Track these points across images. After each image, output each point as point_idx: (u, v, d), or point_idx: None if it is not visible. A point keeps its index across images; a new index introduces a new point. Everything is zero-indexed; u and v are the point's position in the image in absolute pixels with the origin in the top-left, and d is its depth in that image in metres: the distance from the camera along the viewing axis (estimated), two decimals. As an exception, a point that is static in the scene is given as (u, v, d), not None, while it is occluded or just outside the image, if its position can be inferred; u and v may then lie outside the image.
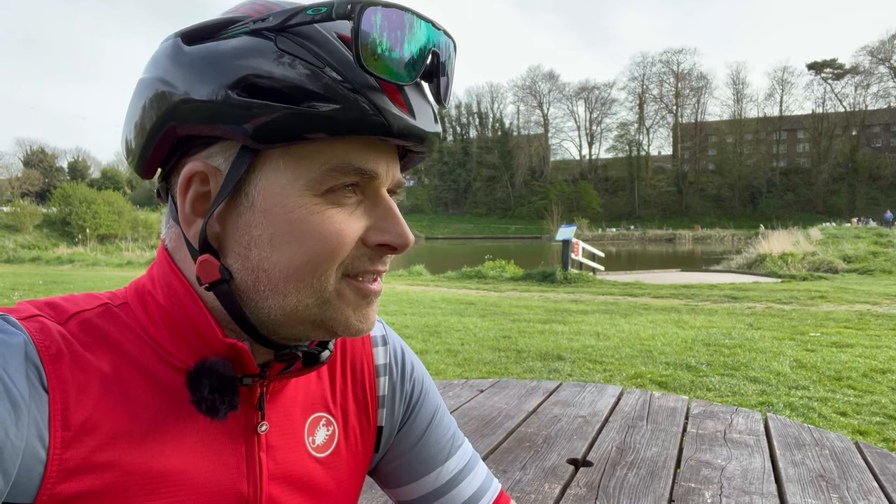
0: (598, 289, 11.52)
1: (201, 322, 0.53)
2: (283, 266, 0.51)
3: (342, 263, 0.52)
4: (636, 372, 4.83)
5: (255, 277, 0.52)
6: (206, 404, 0.51)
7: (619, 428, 1.83)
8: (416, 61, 0.50)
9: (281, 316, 0.53)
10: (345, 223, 0.51)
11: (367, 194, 0.53)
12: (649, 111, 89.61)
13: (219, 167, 0.51)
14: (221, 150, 0.51)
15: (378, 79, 0.49)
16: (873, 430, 3.52)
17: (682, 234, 62.86)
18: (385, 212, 0.54)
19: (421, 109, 0.52)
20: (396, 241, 0.54)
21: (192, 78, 0.49)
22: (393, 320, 7.51)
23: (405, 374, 0.74)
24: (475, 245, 47.21)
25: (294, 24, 0.49)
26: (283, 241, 0.50)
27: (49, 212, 36.30)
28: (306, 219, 0.50)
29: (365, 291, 0.54)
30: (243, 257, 0.52)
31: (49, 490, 0.46)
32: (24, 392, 0.46)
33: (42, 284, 12.77)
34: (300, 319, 0.53)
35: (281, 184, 0.50)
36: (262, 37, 0.49)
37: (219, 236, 0.52)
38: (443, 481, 0.72)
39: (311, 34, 0.49)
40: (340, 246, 0.51)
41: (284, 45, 0.49)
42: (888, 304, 8.83)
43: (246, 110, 0.48)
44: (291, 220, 0.50)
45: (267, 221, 0.51)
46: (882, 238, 21.49)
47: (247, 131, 0.48)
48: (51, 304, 0.53)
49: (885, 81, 78.53)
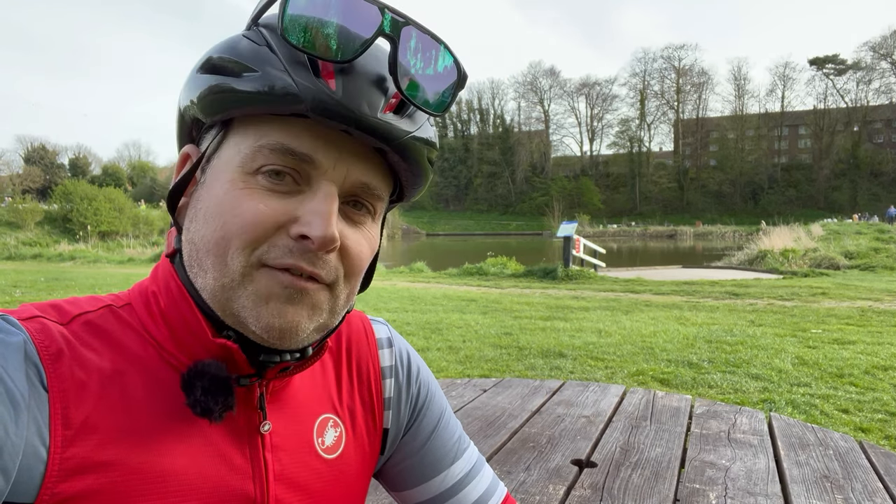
0: (599, 285, 11.51)
1: (193, 322, 0.53)
2: (206, 240, 0.51)
3: (257, 248, 0.50)
4: (638, 369, 4.83)
5: (189, 250, 0.53)
6: (200, 406, 0.51)
7: (622, 428, 1.83)
8: (353, 40, 0.48)
9: (209, 295, 0.52)
10: (265, 204, 0.49)
11: (311, 185, 0.51)
12: (650, 107, 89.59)
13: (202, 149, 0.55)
14: (210, 135, 0.54)
15: (308, 55, 0.48)
16: (875, 427, 3.52)
17: (683, 230, 62.86)
18: (315, 203, 0.50)
19: (359, 92, 0.49)
20: (313, 231, 0.49)
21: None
22: (394, 317, 7.51)
23: (411, 377, 0.73)
24: (476, 242, 47.22)
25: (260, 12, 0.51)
26: (210, 215, 0.51)
27: (50, 209, 36.32)
28: (230, 193, 0.50)
29: (283, 282, 0.50)
30: (186, 230, 0.54)
31: (50, 489, 0.46)
32: (23, 391, 0.45)
33: (44, 281, 12.78)
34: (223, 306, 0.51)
35: (223, 160, 0.52)
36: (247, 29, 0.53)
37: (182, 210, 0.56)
38: (449, 484, 0.72)
39: (270, 21, 0.51)
40: (252, 225, 0.49)
41: (248, 33, 0.52)
42: (890, 300, 8.82)
43: (197, 85, 0.52)
44: (219, 194, 0.51)
45: (206, 196, 0.52)
46: (884, 234, 21.45)
47: (195, 105, 0.52)
48: (54, 306, 0.53)
49: (886, 77, 78.40)
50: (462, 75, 0.54)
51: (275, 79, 0.48)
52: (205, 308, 0.53)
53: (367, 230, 0.56)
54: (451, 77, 0.54)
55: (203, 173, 0.54)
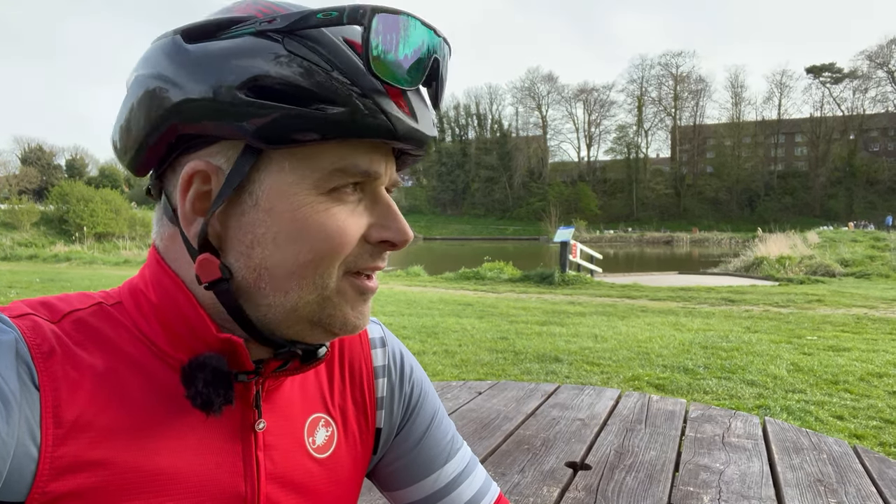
0: (595, 291, 11.52)
1: (194, 319, 0.53)
2: (289, 264, 0.51)
3: (345, 261, 0.53)
4: (633, 374, 4.83)
5: (256, 276, 0.52)
6: (201, 398, 0.51)
7: (617, 431, 1.83)
8: (418, 67, 0.51)
9: (280, 314, 0.53)
10: (348, 221, 0.52)
11: (367, 192, 0.54)
12: (648, 113, 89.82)
13: (220, 166, 0.51)
14: (223, 149, 0.51)
15: (383, 83, 0.50)
16: (870, 433, 3.53)
17: (679, 236, 62.97)
18: (386, 209, 0.55)
19: (422, 113, 0.53)
20: (397, 237, 0.55)
21: (197, 76, 0.49)
22: (391, 321, 7.51)
23: (404, 377, 0.73)
24: (473, 246, 47.23)
25: (303, 28, 0.49)
26: (288, 240, 0.51)
27: (46, 210, 36.24)
28: (311, 217, 0.51)
29: (363, 288, 0.55)
30: (245, 256, 0.52)
31: (41, 488, 0.45)
32: (14, 390, 0.45)
33: (39, 282, 12.74)
34: (299, 317, 0.53)
35: (287, 183, 0.50)
36: (268, 38, 0.49)
37: (219, 235, 0.52)
38: (441, 484, 0.72)
39: (318, 38, 0.50)
40: (343, 243, 0.52)
41: (293, 48, 0.49)
42: (885, 308, 8.84)
43: (253, 111, 0.48)
44: (297, 218, 0.51)
45: (271, 220, 0.51)
46: (879, 242, 21.55)
47: (253, 132, 0.48)
48: (44, 304, 0.53)
49: (882, 86, 78.76)
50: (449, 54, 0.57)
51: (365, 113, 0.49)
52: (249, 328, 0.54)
53: None
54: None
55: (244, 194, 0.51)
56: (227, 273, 0.52)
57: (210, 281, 0.52)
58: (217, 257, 0.52)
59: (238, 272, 0.52)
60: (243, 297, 0.53)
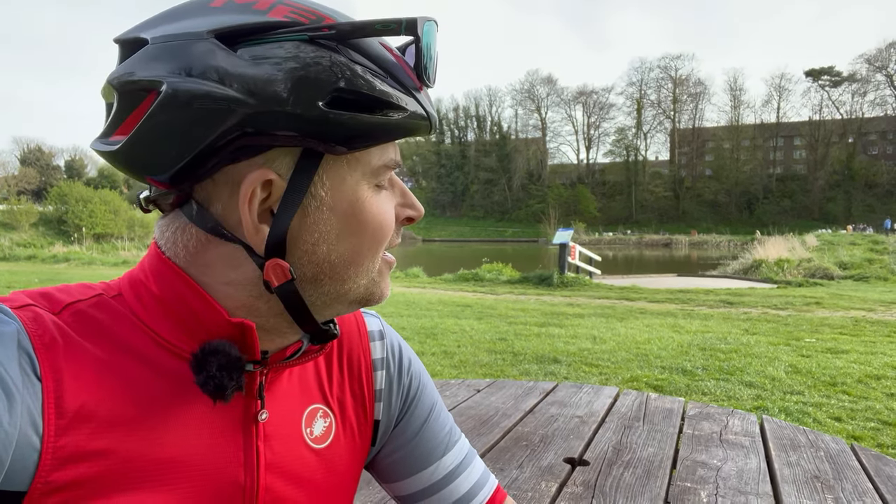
0: (594, 292, 11.53)
1: (200, 307, 0.53)
2: (349, 253, 0.55)
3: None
4: (632, 375, 4.84)
5: (317, 270, 0.54)
6: (214, 382, 0.51)
7: (615, 428, 1.84)
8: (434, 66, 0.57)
9: (329, 300, 0.57)
10: (387, 205, 0.58)
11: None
12: (647, 116, 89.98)
13: (280, 173, 0.51)
14: (281, 155, 0.50)
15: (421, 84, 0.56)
16: (867, 435, 3.54)
17: (678, 238, 63.06)
18: (402, 190, 0.61)
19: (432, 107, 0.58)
20: (416, 213, 0.62)
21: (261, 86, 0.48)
22: (390, 322, 7.46)
23: (402, 369, 0.74)
24: (472, 248, 47.22)
25: (360, 37, 0.51)
26: (350, 233, 0.55)
27: (45, 210, 36.24)
28: (368, 210, 0.55)
29: (390, 262, 0.62)
30: (310, 253, 0.53)
31: (44, 478, 0.46)
32: (16, 380, 0.45)
33: (38, 283, 12.73)
34: (344, 300, 0.58)
35: (344, 181, 0.54)
36: (322, 46, 0.50)
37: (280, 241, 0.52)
38: (440, 476, 0.72)
39: (366, 46, 0.53)
40: (391, 225, 0.58)
41: (353, 57, 0.51)
42: (883, 310, 8.86)
43: (329, 119, 0.49)
44: (355, 211, 0.54)
45: (335, 218, 0.54)
46: (878, 245, 21.55)
47: (331, 141, 0.51)
48: (45, 295, 0.53)
49: (881, 89, 78.98)
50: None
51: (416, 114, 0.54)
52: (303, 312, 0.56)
53: None
54: None
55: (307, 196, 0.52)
56: (293, 274, 0.53)
57: (281, 283, 0.53)
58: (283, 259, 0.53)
59: (299, 270, 0.54)
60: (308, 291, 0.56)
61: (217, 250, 0.53)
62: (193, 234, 0.53)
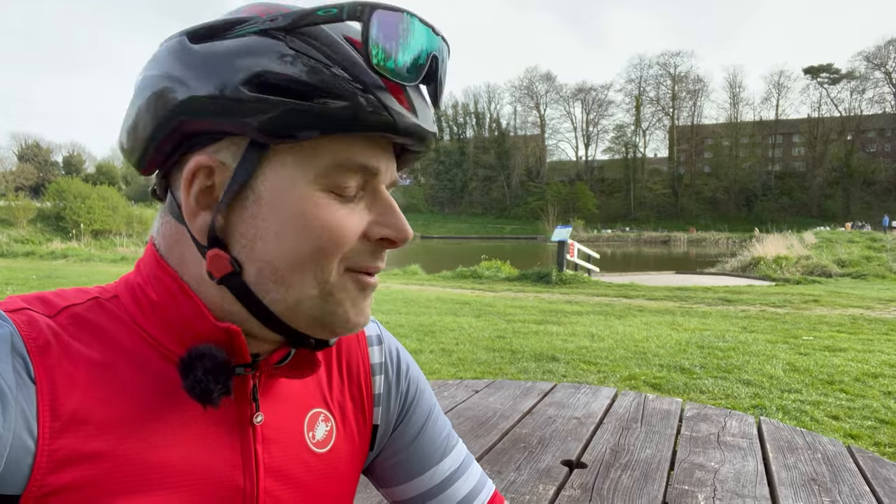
0: (592, 290, 11.54)
1: (189, 311, 0.53)
2: (289, 258, 0.52)
3: (345, 257, 0.53)
4: (630, 373, 4.84)
5: (258, 269, 0.52)
6: (200, 387, 0.51)
7: (613, 430, 1.84)
8: (417, 64, 0.52)
9: (284, 310, 0.53)
10: (348, 217, 0.53)
11: (368, 190, 0.55)
12: (646, 113, 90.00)
13: (225, 161, 0.51)
14: (228, 145, 0.51)
15: (384, 79, 0.51)
16: (865, 433, 3.54)
17: (677, 236, 63.08)
18: (385, 207, 0.55)
19: (422, 110, 0.54)
20: (397, 235, 0.55)
21: (203, 74, 0.50)
22: (388, 319, 7.51)
23: (400, 374, 0.74)
24: (471, 245, 47.23)
25: (304, 25, 0.50)
26: (289, 234, 0.51)
27: (43, 206, 36.18)
28: (311, 212, 0.51)
29: (364, 283, 0.55)
30: (248, 249, 0.52)
31: (39, 481, 0.46)
32: (10, 383, 0.45)
33: (36, 279, 12.71)
34: (302, 314, 0.54)
35: (288, 178, 0.51)
36: (271, 37, 0.50)
37: (223, 230, 0.53)
38: (437, 481, 0.72)
39: (318, 35, 0.51)
40: (343, 238, 0.52)
41: (295, 45, 0.50)
42: (881, 308, 8.87)
43: (257, 106, 0.48)
44: (297, 213, 0.51)
45: (273, 214, 0.51)
46: (876, 243, 21.58)
47: (256, 127, 0.49)
48: (40, 299, 0.53)
49: (880, 87, 79.03)
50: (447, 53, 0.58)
51: (366, 107, 0.50)
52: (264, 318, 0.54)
53: None
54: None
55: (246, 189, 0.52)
56: (237, 266, 0.52)
57: (222, 275, 0.52)
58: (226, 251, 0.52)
59: (245, 265, 0.53)
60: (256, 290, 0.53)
61: (187, 240, 0.54)
62: (171, 224, 0.56)
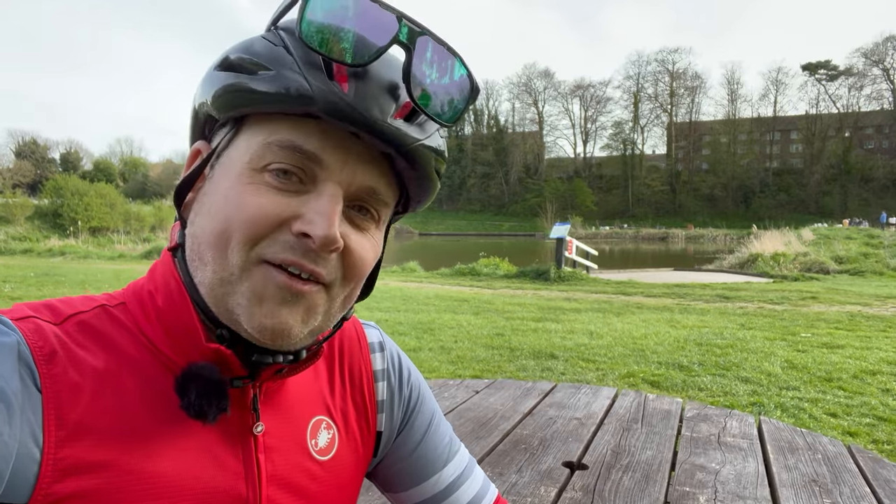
0: (591, 287, 11.55)
1: (189, 324, 0.53)
2: (208, 233, 0.51)
3: (258, 244, 0.50)
4: (629, 371, 4.85)
5: (191, 244, 0.53)
6: (194, 409, 0.51)
7: (613, 430, 1.84)
8: (368, 45, 0.49)
9: (206, 293, 0.52)
10: (269, 199, 0.50)
11: (316, 185, 0.51)
12: (644, 110, 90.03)
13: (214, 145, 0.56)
14: (222, 132, 0.55)
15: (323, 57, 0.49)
16: (863, 431, 3.55)
17: (675, 233, 63.12)
18: (319, 203, 0.50)
19: (372, 97, 0.49)
20: (315, 230, 0.49)
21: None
22: (386, 317, 7.51)
23: (402, 380, 0.74)
24: (469, 242, 47.25)
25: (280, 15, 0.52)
26: (214, 210, 0.51)
27: (41, 204, 36.10)
28: (235, 188, 0.51)
29: (279, 282, 0.50)
30: (191, 223, 0.54)
31: (44, 490, 0.45)
32: (16, 392, 0.45)
33: (33, 276, 12.68)
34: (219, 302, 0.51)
35: (232, 157, 0.52)
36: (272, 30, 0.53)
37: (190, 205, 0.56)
38: (441, 486, 0.72)
39: (288, 24, 0.52)
40: (253, 219, 0.49)
41: (266, 34, 0.52)
42: (879, 305, 8.89)
43: (212, 81, 0.52)
44: (226, 188, 0.51)
45: (212, 191, 0.53)
46: (873, 239, 21.64)
47: (210, 102, 0.52)
48: (47, 306, 0.53)
49: (878, 83, 79.11)
50: (475, 88, 0.55)
51: (289, 79, 0.48)
52: (202, 306, 0.53)
53: (371, 235, 0.56)
54: (464, 89, 0.55)
55: (212, 169, 0.54)
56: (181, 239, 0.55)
57: (170, 247, 0.55)
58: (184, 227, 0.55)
59: (186, 241, 0.54)
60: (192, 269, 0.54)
61: None
62: None
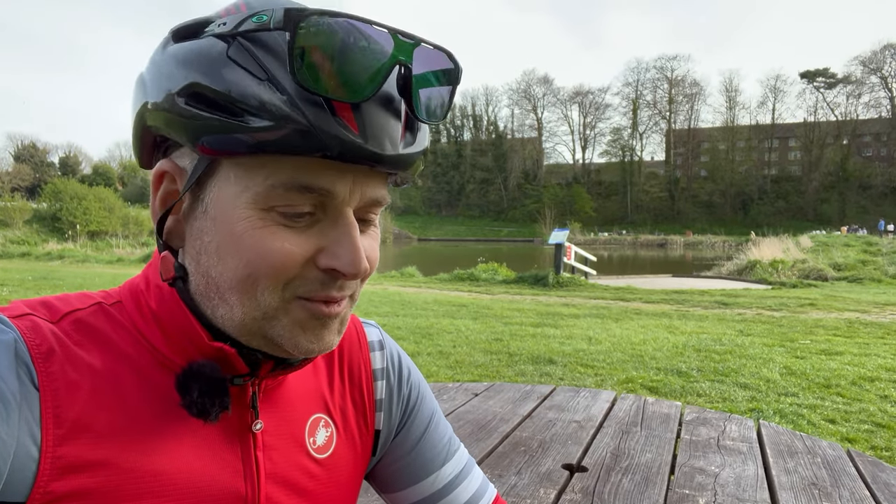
0: (589, 293, 11.55)
1: (187, 327, 0.53)
2: (227, 277, 0.49)
3: (290, 283, 0.50)
4: (627, 377, 4.85)
5: (205, 283, 0.51)
6: (197, 407, 0.51)
7: (613, 433, 1.84)
8: (371, 76, 0.46)
9: (233, 327, 0.52)
10: (290, 241, 0.48)
11: (328, 213, 0.50)
12: (643, 117, 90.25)
13: (185, 168, 0.51)
14: (188, 152, 0.51)
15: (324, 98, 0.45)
16: (861, 437, 3.55)
17: (673, 239, 63.27)
18: (341, 234, 0.49)
19: (380, 128, 0.47)
20: (346, 268, 0.49)
21: (157, 80, 0.49)
22: (385, 321, 7.50)
23: (402, 379, 0.74)
24: (468, 247, 47.23)
25: (244, 32, 0.46)
26: (227, 253, 0.49)
27: (39, 207, 36.12)
28: (248, 233, 0.48)
29: (318, 313, 0.51)
30: (195, 261, 0.52)
31: (42, 488, 0.45)
32: (14, 390, 0.45)
33: (31, 280, 12.67)
34: (252, 333, 0.52)
35: (229, 194, 0.49)
36: (223, 41, 0.47)
37: (181, 237, 0.53)
38: (439, 486, 0.72)
39: (266, 42, 0.46)
40: (283, 264, 0.48)
41: (234, 53, 0.46)
42: (877, 312, 8.90)
43: (189, 121, 0.47)
44: (234, 232, 0.48)
45: (215, 230, 0.50)
46: (871, 247, 21.69)
47: (190, 140, 0.47)
48: (44, 304, 0.53)
49: (876, 91, 79.44)
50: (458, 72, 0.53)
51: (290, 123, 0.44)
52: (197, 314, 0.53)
53: (374, 232, 0.56)
54: (451, 81, 0.53)
55: (197, 200, 0.51)
56: (181, 272, 0.53)
57: (168, 278, 0.53)
58: (175, 256, 0.53)
59: (191, 276, 0.53)
60: (199, 301, 0.53)
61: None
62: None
